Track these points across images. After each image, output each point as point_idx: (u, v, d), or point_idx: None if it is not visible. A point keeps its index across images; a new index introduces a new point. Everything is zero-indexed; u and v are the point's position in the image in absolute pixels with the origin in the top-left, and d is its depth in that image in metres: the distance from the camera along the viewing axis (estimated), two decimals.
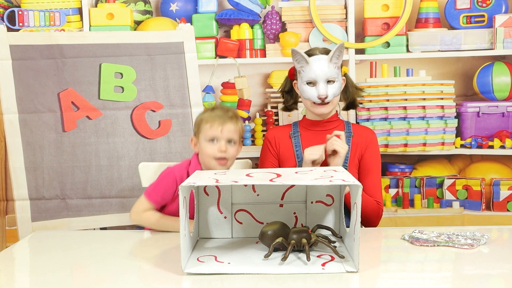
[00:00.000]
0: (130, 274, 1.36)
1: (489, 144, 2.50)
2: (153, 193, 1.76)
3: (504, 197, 2.51)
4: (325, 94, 1.83)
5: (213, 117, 1.76)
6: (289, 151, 1.94)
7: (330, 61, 1.84)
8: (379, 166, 1.93)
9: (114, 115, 2.45)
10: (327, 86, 1.84)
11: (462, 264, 1.40)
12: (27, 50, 2.41)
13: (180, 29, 2.45)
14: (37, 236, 1.73)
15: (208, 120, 1.76)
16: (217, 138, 1.75)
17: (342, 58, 1.87)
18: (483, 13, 2.48)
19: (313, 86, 1.85)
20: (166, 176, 1.78)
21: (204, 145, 1.76)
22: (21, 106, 2.43)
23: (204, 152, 1.76)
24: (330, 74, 1.83)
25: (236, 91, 2.51)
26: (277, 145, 1.97)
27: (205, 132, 1.76)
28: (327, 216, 1.58)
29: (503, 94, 2.49)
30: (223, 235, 1.58)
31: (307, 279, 1.25)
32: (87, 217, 2.47)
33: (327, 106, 1.89)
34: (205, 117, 1.78)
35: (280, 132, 2.00)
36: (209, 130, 1.75)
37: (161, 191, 1.76)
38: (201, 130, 1.77)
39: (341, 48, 1.84)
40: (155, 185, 1.78)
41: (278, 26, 2.51)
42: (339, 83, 1.88)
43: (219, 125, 1.75)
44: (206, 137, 1.75)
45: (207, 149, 1.75)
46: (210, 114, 1.77)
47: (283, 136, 1.98)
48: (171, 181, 1.76)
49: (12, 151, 2.43)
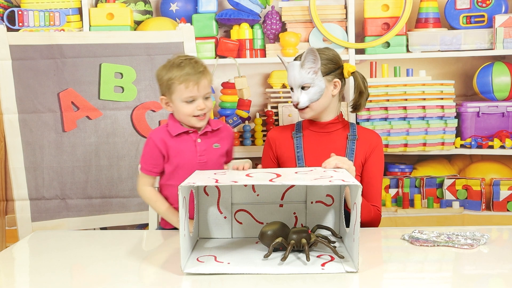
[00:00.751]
0: (130, 274, 1.36)
1: (489, 144, 2.50)
2: (143, 164, 1.79)
3: (504, 197, 2.51)
4: (296, 100, 1.85)
5: (185, 76, 1.69)
6: (289, 152, 1.92)
7: (301, 67, 1.82)
8: (382, 171, 1.91)
9: (114, 115, 2.45)
10: (300, 92, 1.84)
11: (462, 264, 1.40)
12: (27, 50, 2.41)
13: (180, 29, 2.45)
14: (37, 236, 1.73)
15: (181, 80, 1.69)
16: (194, 98, 1.71)
17: (318, 63, 1.81)
18: (483, 13, 2.48)
19: (293, 91, 1.88)
20: (147, 144, 1.78)
21: (181, 105, 1.72)
22: (21, 106, 2.43)
23: (182, 112, 1.72)
24: (301, 80, 1.82)
25: (236, 91, 2.51)
26: (277, 146, 1.96)
27: (180, 93, 1.70)
28: (327, 216, 1.58)
29: (503, 94, 2.49)
30: (223, 235, 1.58)
31: (307, 279, 1.25)
32: (87, 217, 2.47)
33: (306, 112, 1.87)
34: (176, 77, 1.69)
35: (282, 132, 1.98)
36: (184, 91, 1.70)
37: (148, 160, 1.77)
38: (174, 91, 1.71)
39: (311, 52, 1.79)
40: (142, 156, 1.80)
41: (278, 26, 2.51)
42: (317, 88, 1.83)
43: (194, 84, 1.69)
44: (182, 98, 1.71)
45: (185, 109, 1.72)
46: (181, 73, 1.69)
47: (285, 136, 1.96)
48: (153, 146, 1.75)
49: (12, 151, 2.43)
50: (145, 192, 1.80)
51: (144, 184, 1.79)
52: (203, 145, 1.77)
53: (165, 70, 1.73)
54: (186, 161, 1.75)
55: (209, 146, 1.78)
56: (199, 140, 1.76)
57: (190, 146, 1.76)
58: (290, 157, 1.92)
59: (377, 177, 1.88)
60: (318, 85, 1.84)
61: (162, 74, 1.74)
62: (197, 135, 1.76)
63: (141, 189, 1.80)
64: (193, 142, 1.76)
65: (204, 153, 1.76)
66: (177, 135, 1.75)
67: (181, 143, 1.76)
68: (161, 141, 1.75)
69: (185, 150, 1.75)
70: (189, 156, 1.75)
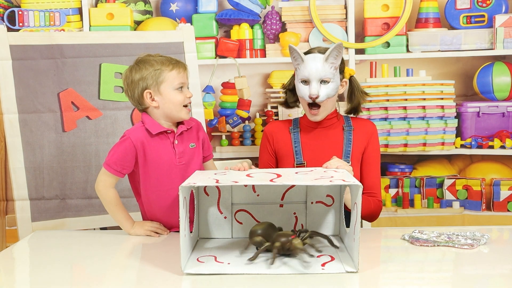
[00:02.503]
0: (130, 274, 1.36)
1: (489, 144, 2.50)
2: (112, 163, 1.67)
3: (504, 197, 2.51)
4: (316, 94, 1.78)
5: (174, 64, 1.68)
6: (287, 147, 1.92)
7: (325, 60, 1.78)
8: (379, 159, 1.91)
9: (114, 115, 2.45)
10: (320, 86, 1.79)
11: (462, 264, 1.40)
12: (27, 50, 2.41)
13: (180, 29, 2.45)
14: (37, 236, 1.73)
15: (171, 68, 1.67)
16: (183, 85, 1.69)
17: (340, 59, 1.82)
18: (483, 13, 2.48)
19: (307, 84, 1.81)
20: (123, 142, 1.68)
21: (173, 94, 1.67)
22: (21, 106, 2.43)
23: (174, 101, 1.67)
24: (324, 74, 1.78)
25: (236, 91, 2.51)
26: (275, 141, 1.94)
27: (172, 80, 1.67)
28: (327, 217, 1.58)
29: (503, 94, 2.49)
30: (223, 235, 1.58)
31: (307, 279, 1.25)
32: (87, 217, 2.47)
33: (320, 113, 1.85)
34: (164, 65, 1.67)
35: (279, 127, 1.97)
36: (176, 77, 1.67)
37: (120, 159, 1.67)
38: (164, 80, 1.66)
39: (339, 48, 1.78)
40: (112, 154, 1.68)
41: (278, 26, 2.51)
42: (335, 84, 1.82)
43: (184, 70, 1.69)
44: (174, 85, 1.67)
45: (177, 97, 1.67)
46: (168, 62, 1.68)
47: (282, 130, 1.95)
48: (129, 146, 1.66)
49: (12, 151, 2.43)
50: (108, 194, 1.69)
51: (108, 185, 1.69)
52: (180, 146, 1.71)
53: (144, 65, 1.68)
54: (165, 163, 1.69)
55: (186, 147, 1.72)
56: (176, 142, 1.70)
57: (168, 148, 1.70)
58: (288, 151, 1.91)
59: (375, 165, 1.89)
60: (336, 81, 1.83)
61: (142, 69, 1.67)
62: (174, 136, 1.70)
63: (102, 189, 1.69)
64: (171, 144, 1.70)
65: (182, 155, 1.71)
66: (156, 135, 1.68)
67: (159, 144, 1.69)
68: (140, 141, 1.67)
69: (163, 152, 1.69)
70: (167, 158, 1.69)
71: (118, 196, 1.72)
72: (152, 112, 1.71)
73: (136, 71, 1.69)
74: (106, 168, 1.68)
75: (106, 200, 1.71)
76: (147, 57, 1.71)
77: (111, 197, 1.70)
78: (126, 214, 1.72)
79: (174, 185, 1.64)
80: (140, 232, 1.67)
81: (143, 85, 1.67)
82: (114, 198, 1.71)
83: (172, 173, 1.69)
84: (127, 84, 1.71)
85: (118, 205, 1.71)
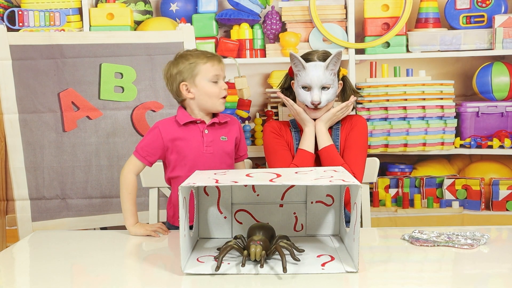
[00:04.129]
0: (130, 274, 1.36)
1: (488, 144, 2.50)
2: (140, 149, 1.76)
3: (503, 197, 2.51)
4: (318, 100, 1.87)
5: (208, 57, 1.75)
6: (290, 145, 1.98)
7: (326, 68, 1.86)
8: (362, 144, 1.94)
9: (114, 115, 2.45)
10: (321, 92, 1.87)
11: (462, 264, 1.40)
12: (27, 50, 2.41)
13: (180, 29, 2.46)
14: (37, 236, 1.73)
15: (206, 60, 1.74)
16: (219, 77, 1.76)
17: (339, 64, 1.90)
18: (483, 13, 2.48)
19: (308, 90, 1.89)
20: (151, 131, 1.77)
21: (209, 86, 1.75)
22: (21, 106, 2.43)
23: (210, 93, 1.75)
24: (325, 81, 1.86)
25: (236, 91, 2.51)
26: (282, 135, 2.00)
27: (206, 72, 1.74)
28: (327, 216, 1.59)
29: (502, 94, 2.49)
30: (223, 235, 1.58)
31: (307, 279, 1.25)
32: (87, 217, 2.47)
33: (320, 111, 1.92)
34: (199, 58, 1.75)
35: (280, 126, 2.03)
36: (211, 69, 1.74)
37: (147, 146, 1.75)
38: (199, 72, 1.74)
39: (338, 55, 1.86)
40: (141, 141, 1.78)
41: (278, 26, 2.51)
42: (334, 89, 1.91)
43: (219, 62, 1.77)
44: (209, 78, 1.75)
45: (213, 89, 1.75)
46: (203, 55, 1.75)
47: (285, 128, 2.02)
48: (157, 134, 1.75)
49: (12, 151, 2.43)
50: (128, 178, 1.74)
51: (131, 170, 1.75)
52: (210, 136, 1.77)
53: (182, 59, 1.77)
54: (193, 150, 1.75)
55: (216, 138, 1.78)
56: (206, 131, 1.77)
57: (197, 136, 1.76)
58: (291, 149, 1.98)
59: (356, 144, 1.92)
60: (335, 86, 1.92)
61: (179, 63, 1.76)
62: (205, 126, 1.77)
63: (126, 172, 1.74)
64: (200, 133, 1.77)
65: (210, 144, 1.76)
66: (184, 125, 1.75)
67: (188, 133, 1.76)
68: (167, 131, 1.75)
69: (192, 140, 1.75)
70: (195, 145, 1.75)
71: (135, 185, 1.75)
72: (189, 104, 1.79)
73: (174, 65, 1.78)
74: (134, 153, 1.77)
75: (123, 183, 1.74)
76: (184, 52, 1.80)
77: (129, 182, 1.74)
78: (134, 208, 1.73)
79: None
80: (140, 232, 1.68)
81: (180, 78, 1.76)
82: (131, 185, 1.74)
83: (199, 161, 1.74)
84: (166, 79, 1.80)
85: (131, 194, 1.74)
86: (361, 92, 2.51)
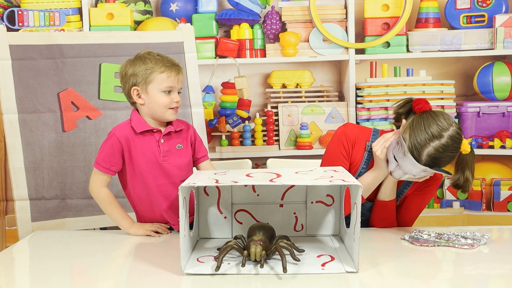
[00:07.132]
0: (130, 274, 1.36)
1: (490, 144, 2.50)
2: (101, 161, 1.69)
3: (504, 197, 2.51)
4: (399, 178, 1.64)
5: (167, 66, 1.70)
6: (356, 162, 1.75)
7: (423, 170, 1.60)
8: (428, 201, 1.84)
9: (114, 115, 2.45)
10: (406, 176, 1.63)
11: (462, 264, 1.40)
12: (27, 50, 2.41)
13: (180, 29, 2.45)
14: (37, 236, 1.73)
15: (163, 70, 1.69)
16: (172, 89, 1.71)
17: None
18: (483, 13, 2.48)
19: (398, 165, 1.61)
20: (109, 139, 1.70)
21: (159, 95, 1.69)
22: (21, 106, 2.43)
23: (159, 102, 1.69)
24: (413, 176, 1.62)
25: (236, 91, 2.51)
26: (351, 146, 1.76)
27: (160, 83, 1.68)
28: (327, 216, 1.58)
29: (503, 94, 2.49)
30: (223, 235, 1.58)
31: (307, 279, 1.25)
32: (87, 217, 2.47)
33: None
34: (157, 66, 1.69)
35: (360, 134, 1.77)
36: (166, 80, 1.69)
37: (107, 157, 1.69)
38: (153, 80, 1.68)
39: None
40: (100, 152, 1.71)
41: (278, 26, 2.51)
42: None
43: (176, 74, 1.70)
44: (162, 88, 1.69)
45: (163, 99, 1.69)
46: (162, 63, 1.70)
47: (359, 141, 1.76)
48: (115, 143, 1.68)
49: (12, 151, 2.43)
50: (101, 193, 1.71)
51: (100, 185, 1.71)
52: (166, 145, 1.72)
53: (139, 61, 1.71)
54: (149, 161, 1.70)
55: (172, 147, 1.73)
56: (162, 141, 1.71)
57: (153, 147, 1.71)
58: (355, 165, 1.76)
59: (428, 199, 1.83)
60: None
61: (136, 65, 1.70)
62: (161, 135, 1.71)
63: (96, 189, 1.71)
64: (156, 142, 1.71)
65: (167, 154, 1.71)
66: (141, 133, 1.70)
67: (145, 143, 1.70)
68: (125, 138, 1.69)
69: (148, 151, 1.70)
70: (152, 156, 1.70)
71: (111, 195, 1.72)
72: (139, 109, 1.74)
73: (131, 66, 1.72)
74: (96, 166, 1.71)
75: (100, 199, 1.72)
76: (145, 54, 1.73)
77: (104, 196, 1.71)
78: (123, 213, 1.72)
79: (158, 182, 1.69)
80: (140, 232, 1.67)
81: (133, 81, 1.71)
82: (108, 197, 1.71)
83: (156, 170, 1.70)
84: (121, 76, 1.75)
85: (112, 204, 1.72)
86: (361, 92, 2.51)
